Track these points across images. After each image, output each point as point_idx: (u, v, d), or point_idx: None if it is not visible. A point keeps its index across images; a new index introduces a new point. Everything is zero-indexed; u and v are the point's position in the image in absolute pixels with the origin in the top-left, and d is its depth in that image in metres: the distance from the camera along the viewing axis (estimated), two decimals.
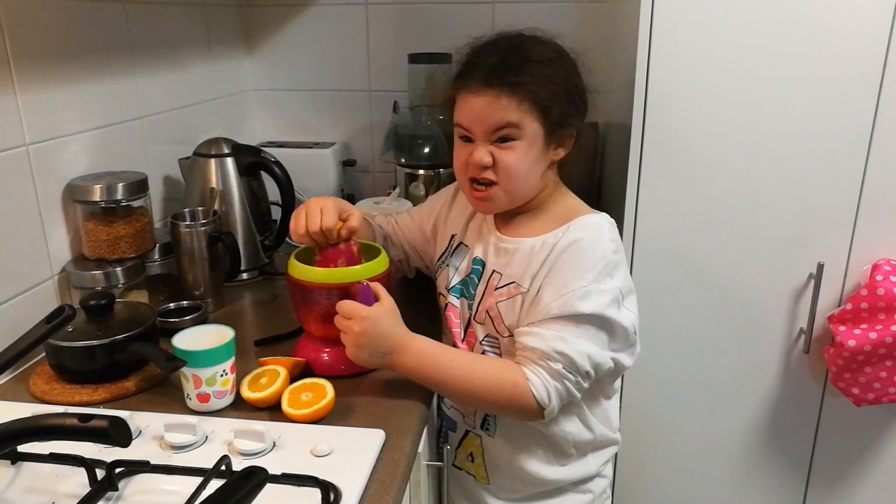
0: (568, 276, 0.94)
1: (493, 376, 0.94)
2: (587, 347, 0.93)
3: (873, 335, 1.30)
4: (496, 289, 1.01)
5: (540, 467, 1.06)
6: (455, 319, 1.09)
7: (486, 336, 1.04)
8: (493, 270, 1.03)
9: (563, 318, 0.92)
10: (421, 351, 0.97)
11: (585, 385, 0.95)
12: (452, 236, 1.14)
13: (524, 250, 1.00)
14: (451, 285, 1.10)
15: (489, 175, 0.98)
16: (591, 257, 0.94)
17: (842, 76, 1.25)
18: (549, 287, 0.95)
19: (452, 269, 1.11)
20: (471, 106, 0.96)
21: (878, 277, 1.30)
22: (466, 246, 1.10)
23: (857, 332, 1.32)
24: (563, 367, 0.92)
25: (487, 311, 1.02)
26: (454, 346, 1.07)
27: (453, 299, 1.10)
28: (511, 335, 0.99)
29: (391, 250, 1.20)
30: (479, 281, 1.05)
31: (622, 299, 0.97)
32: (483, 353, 1.05)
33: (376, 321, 0.95)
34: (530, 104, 0.93)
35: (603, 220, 0.99)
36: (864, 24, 1.22)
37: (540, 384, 0.92)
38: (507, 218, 1.05)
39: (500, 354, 1.03)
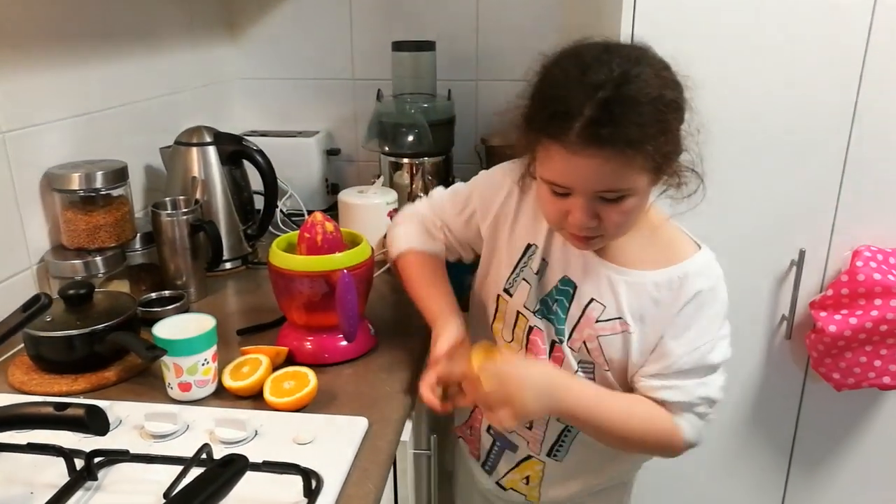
0: (695, 331, 0.88)
1: (650, 426, 0.90)
2: (720, 381, 0.91)
3: (853, 321, 1.32)
4: (597, 321, 0.92)
5: (596, 478, 1.07)
6: (541, 345, 0.97)
7: (581, 362, 0.95)
8: (593, 299, 0.92)
9: (697, 370, 0.89)
10: (580, 396, 0.90)
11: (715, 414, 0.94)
12: (529, 246, 0.99)
13: (632, 285, 0.90)
14: (537, 306, 0.97)
15: (592, 232, 0.85)
16: (715, 309, 0.90)
17: (823, 63, 1.26)
18: (676, 340, 0.89)
19: (534, 285, 0.97)
20: (568, 167, 0.79)
21: (859, 264, 1.31)
22: (546, 261, 0.97)
23: (837, 317, 1.33)
24: (706, 407, 0.91)
25: (585, 342, 0.93)
26: None
27: (538, 321, 0.97)
28: (609, 368, 0.93)
29: (449, 257, 1.11)
30: (569, 304, 0.94)
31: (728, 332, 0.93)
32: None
33: (523, 390, 0.85)
34: (644, 159, 0.77)
35: (712, 258, 0.92)
36: (845, 13, 1.22)
37: (692, 431, 0.90)
38: None
39: (594, 379, 0.95)
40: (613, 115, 0.74)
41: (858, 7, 1.22)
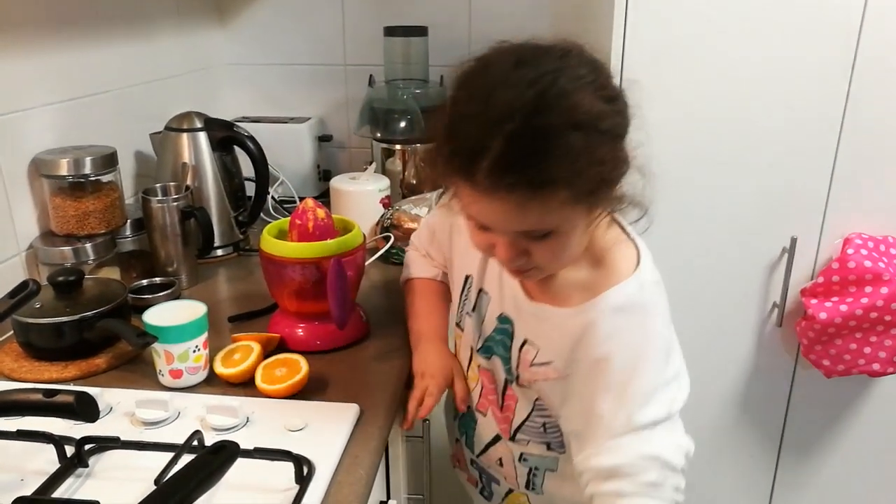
0: (620, 380, 0.73)
1: None
2: (673, 439, 0.74)
3: (844, 308, 1.32)
4: (531, 364, 0.82)
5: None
6: (490, 384, 0.90)
7: (537, 401, 0.86)
8: (525, 340, 0.83)
9: (633, 431, 0.72)
10: None
11: (683, 484, 0.74)
12: (467, 277, 0.93)
13: (556, 326, 0.79)
14: (480, 345, 0.90)
15: (524, 265, 0.75)
16: (641, 351, 0.73)
17: (815, 52, 1.25)
18: (602, 395, 0.73)
19: (475, 322, 0.90)
20: (480, 209, 0.69)
21: (850, 251, 1.32)
22: (486, 293, 0.89)
23: (828, 304, 1.34)
24: (658, 473, 0.71)
25: (529, 383, 0.85)
26: (492, 414, 0.92)
27: (483, 361, 0.90)
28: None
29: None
30: (510, 343, 0.86)
31: (681, 377, 0.77)
32: (530, 419, 0.87)
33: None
34: (567, 193, 0.65)
35: (641, 285, 0.75)
36: (838, 1, 1.22)
37: None
38: None
39: (551, 419, 0.86)
40: (523, 152, 0.62)
41: None
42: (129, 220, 1.27)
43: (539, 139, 0.62)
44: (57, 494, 0.74)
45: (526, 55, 0.66)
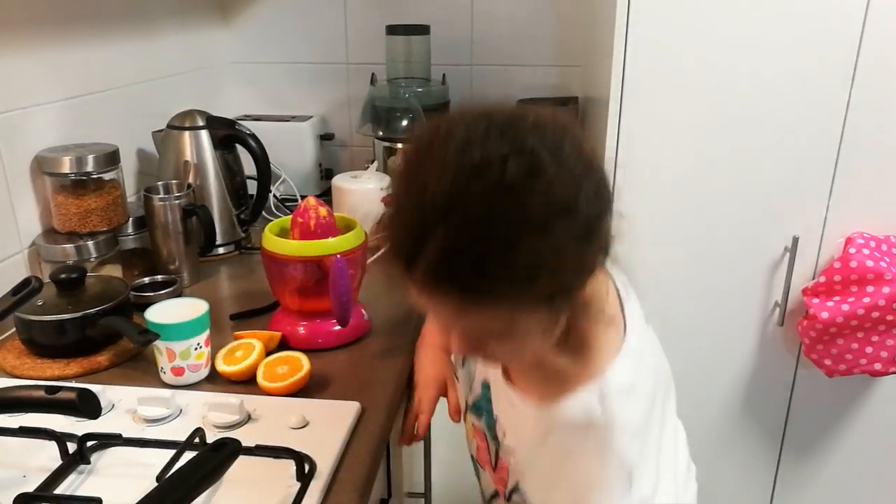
0: (578, 499, 0.65)
1: None
2: None
3: (846, 307, 1.32)
4: (503, 443, 0.77)
5: None
6: (482, 443, 0.83)
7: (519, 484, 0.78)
8: (496, 417, 0.76)
9: None
10: None
11: None
12: None
13: (522, 416, 0.71)
14: (472, 402, 0.83)
15: (483, 358, 0.72)
16: (595, 480, 0.64)
17: (817, 51, 1.25)
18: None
19: (464, 380, 0.85)
20: (427, 303, 0.60)
21: (852, 250, 1.32)
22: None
23: (829, 304, 1.34)
24: None
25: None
26: (489, 471, 0.85)
27: (475, 419, 0.84)
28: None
29: None
30: (492, 413, 0.79)
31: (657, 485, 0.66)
32: (515, 490, 0.78)
33: None
34: (518, 311, 0.57)
35: (598, 391, 0.64)
36: (841, 1, 1.22)
37: None
38: None
39: None
40: (459, 260, 0.53)
41: None
42: (131, 218, 1.28)
43: (479, 244, 0.52)
44: (59, 491, 0.74)
45: (478, 131, 0.54)
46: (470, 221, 0.52)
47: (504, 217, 0.52)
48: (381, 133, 1.64)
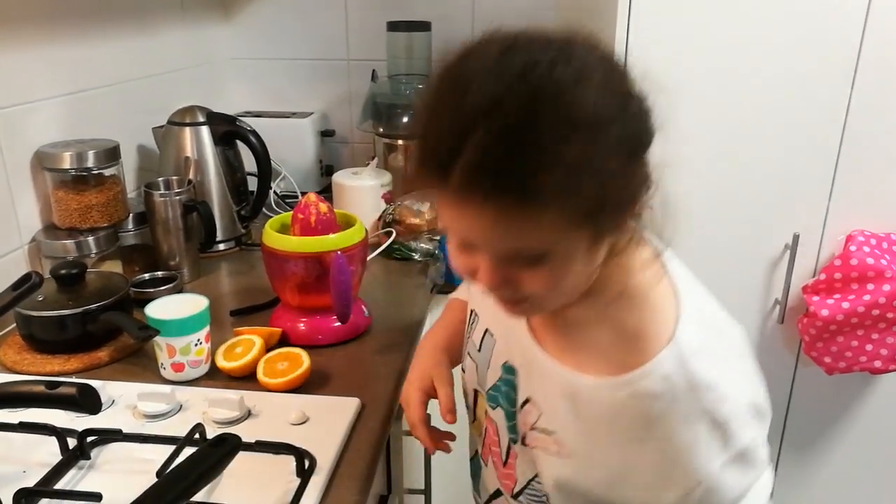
0: (669, 469, 0.60)
1: None
2: None
3: (846, 305, 1.32)
4: (532, 428, 0.68)
5: None
6: (494, 436, 0.76)
7: (535, 478, 0.71)
8: (528, 399, 0.68)
9: None
10: None
11: None
12: (472, 312, 0.80)
13: (572, 394, 0.64)
14: (488, 389, 0.75)
15: (514, 296, 0.61)
16: (689, 440, 0.59)
17: (818, 48, 1.25)
18: (657, 483, 0.60)
19: (480, 364, 0.77)
20: (456, 219, 0.57)
21: (852, 248, 1.32)
22: (492, 335, 0.75)
23: (830, 302, 1.34)
24: None
25: (532, 448, 0.69)
26: (493, 466, 0.78)
27: (489, 407, 0.76)
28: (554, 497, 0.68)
29: None
30: (515, 397, 0.71)
31: (758, 443, 0.62)
32: (533, 483, 0.72)
33: None
34: (563, 223, 0.54)
35: (674, 356, 0.59)
36: (842, 1, 1.22)
37: None
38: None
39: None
40: (505, 156, 0.50)
41: None
42: (131, 214, 1.28)
43: (525, 141, 0.50)
44: (59, 486, 0.74)
45: (518, 41, 0.55)
46: (514, 120, 0.50)
47: (550, 116, 0.50)
48: (381, 130, 1.64)
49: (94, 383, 0.81)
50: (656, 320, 0.61)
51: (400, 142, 1.62)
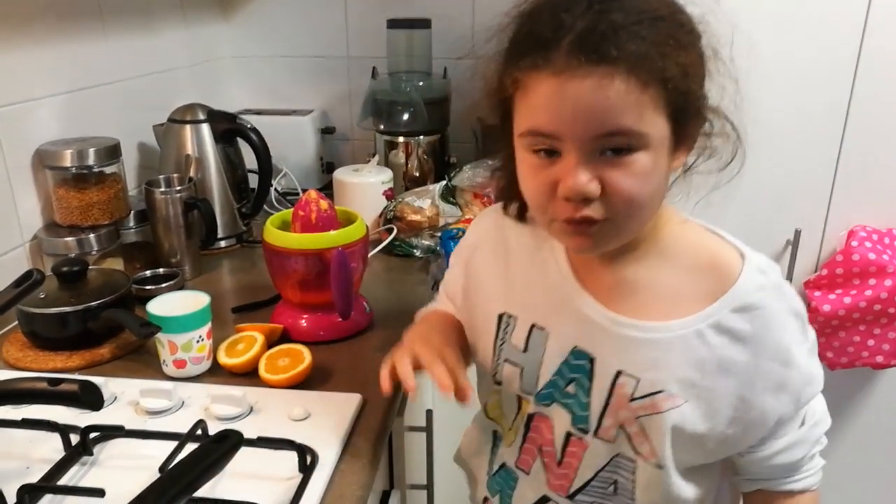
0: (775, 376, 0.66)
1: None
2: (822, 404, 0.77)
3: (847, 300, 1.32)
4: (632, 399, 0.67)
5: None
6: (549, 435, 0.74)
7: (616, 457, 0.70)
8: (620, 371, 0.67)
9: (801, 410, 0.72)
10: None
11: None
12: (501, 316, 0.76)
13: (669, 343, 0.66)
14: (540, 388, 0.73)
15: (594, 212, 0.61)
16: (791, 329, 0.67)
17: (820, 44, 1.25)
18: (767, 392, 0.66)
19: (527, 365, 0.74)
20: (555, 99, 0.58)
21: (854, 244, 1.32)
22: (542, 329, 0.72)
23: (832, 297, 1.34)
24: (823, 438, 0.77)
25: (623, 426, 0.69)
26: (542, 470, 0.76)
27: (542, 408, 0.74)
28: (661, 464, 0.68)
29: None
30: (590, 383, 0.69)
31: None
32: (599, 477, 0.72)
33: None
34: (657, 88, 0.57)
35: (762, 262, 0.68)
36: None
37: (818, 477, 0.78)
38: (604, 268, 0.69)
39: (634, 480, 0.71)
40: (615, 23, 0.56)
41: None
42: (132, 212, 1.28)
43: (630, 14, 0.57)
44: (62, 482, 0.74)
45: None
46: (618, 3, 0.58)
47: (644, 2, 0.58)
48: (382, 127, 1.64)
49: (97, 380, 0.81)
50: (724, 250, 0.68)
51: (401, 139, 1.62)
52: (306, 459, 0.76)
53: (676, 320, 0.66)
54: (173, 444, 0.77)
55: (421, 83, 1.64)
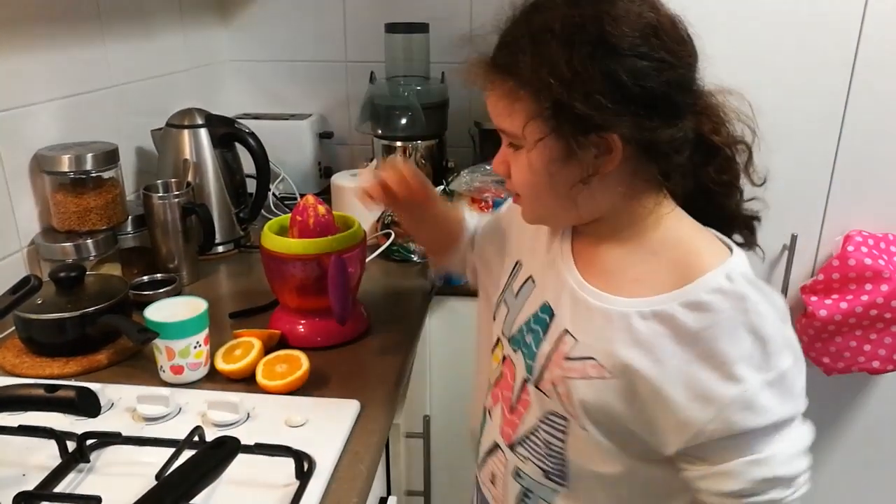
0: (704, 384, 0.64)
1: None
2: (788, 447, 0.66)
3: (844, 305, 1.32)
4: (567, 358, 0.71)
5: None
6: (510, 381, 0.79)
7: (550, 413, 0.74)
8: (566, 330, 0.72)
9: (737, 439, 0.64)
10: None
11: (805, 478, 0.68)
12: (516, 263, 0.84)
13: (613, 317, 0.68)
14: (513, 332, 0.79)
15: (511, 187, 0.74)
16: (743, 346, 0.63)
17: (816, 49, 1.25)
18: (693, 397, 0.64)
19: (513, 308, 0.81)
20: (489, 100, 0.72)
21: (850, 248, 1.32)
22: (533, 281, 0.79)
23: (828, 302, 1.34)
24: (782, 490, 0.66)
25: (554, 384, 0.73)
26: (500, 415, 0.81)
27: (510, 351, 0.80)
28: (585, 426, 0.71)
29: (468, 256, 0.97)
30: (543, 336, 0.74)
31: (795, 376, 0.66)
32: (536, 431, 0.76)
33: None
34: (527, 99, 0.66)
35: (737, 268, 0.66)
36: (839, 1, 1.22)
37: None
38: (594, 246, 0.74)
39: (564, 440, 0.74)
40: (506, 39, 0.69)
41: None
42: (130, 217, 1.28)
43: (521, 33, 0.67)
44: (59, 489, 0.74)
45: None
46: (515, 23, 0.69)
47: (538, 23, 0.66)
48: (380, 131, 1.64)
49: (94, 386, 0.81)
50: (704, 250, 0.68)
51: (398, 143, 1.62)
52: (303, 466, 0.76)
53: (623, 298, 0.68)
54: (170, 450, 0.77)
55: (419, 87, 1.64)
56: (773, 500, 0.65)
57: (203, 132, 1.39)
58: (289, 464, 0.76)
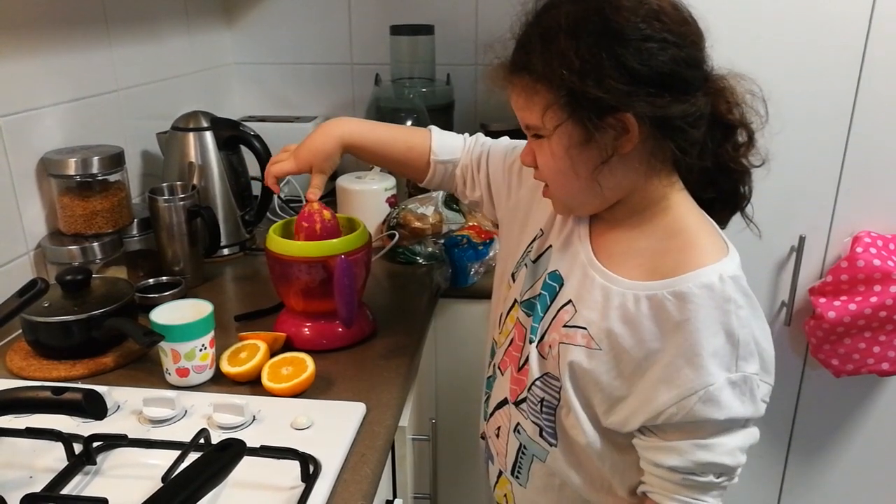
0: (673, 369, 0.70)
1: None
2: (735, 441, 0.72)
3: (853, 307, 1.32)
4: (564, 325, 0.78)
5: None
6: (519, 341, 0.86)
7: (546, 375, 0.81)
8: (570, 300, 0.79)
9: (692, 425, 0.70)
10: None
11: (736, 474, 0.75)
12: (540, 232, 0.89)
13: (610, 294, 0.75)
14: (525, 296, 0.86)
15: (539, 176, 0.80)
16: (716, 343, 0.68)
17: (824, 50, 1.25)
18: (661, 380, 0.70)
19: (531, 274, 0.86)
20: (511, 98, 0.78)
21: (859, 250, 1.31)
22: (552, 252, 0.85)
23: (836, 304, 1.33)
24: (715, 476, 0.73)
25: (550, 346, 0.80)
26: (511, 373, 0.87)
27: (521, 314, 0.86)
28: (572, 389, 0.78)
29: (468, 191, 1.02)
30: (550, 302, 0.82)
31: (758, 384, 0.71)
32: (535, 390, 0.82)
33: None
34: (543, 91, 0.71)
35: (727, 269, 0.71)
36: (847, 0, 1.22)
37: None
38: (607, 225, 0.80)
39: (557, 400, 0.80)
40: (521, 40, 0.74)
41: None
42: (135, 220, 1.28)
43: (534, 32, 0.72)
44: (65, 492, 0.74)
45: None
46: (533, 19, 0.74)
47: (553, 12, 0.72)
48: None
49: (100, 389, 0.81)
50: (704, 249, 0.73)
51: None
52: (309, 469, 0.76)
53: (625, 279, 0.74)
54: (176, 453, 0.77)
55: (424, 90, 1.64)
56: (707, 483, 0.72)
57: (208, 135, 1.39)
58: (294, 466, 0.76)
